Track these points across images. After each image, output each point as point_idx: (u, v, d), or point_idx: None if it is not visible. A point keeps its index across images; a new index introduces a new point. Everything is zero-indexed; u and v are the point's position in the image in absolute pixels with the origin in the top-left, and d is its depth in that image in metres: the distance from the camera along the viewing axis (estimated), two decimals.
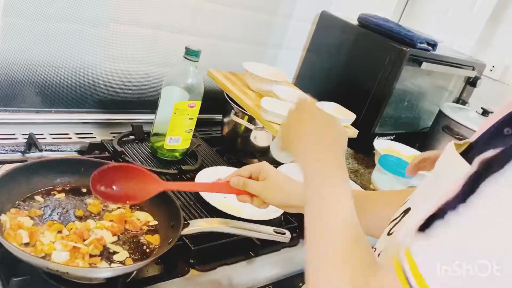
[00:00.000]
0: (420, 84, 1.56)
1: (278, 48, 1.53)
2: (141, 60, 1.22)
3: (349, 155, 1.45)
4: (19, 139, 1.01)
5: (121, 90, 1.22)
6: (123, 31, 1.15)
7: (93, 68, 1.14)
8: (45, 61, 1.07)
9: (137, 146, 1.11)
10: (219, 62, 1.36)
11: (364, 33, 1.46)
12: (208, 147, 1.23)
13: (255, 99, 1.16)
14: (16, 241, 0.67)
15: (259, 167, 0.79)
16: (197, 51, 1.01)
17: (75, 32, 1.07)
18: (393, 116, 1.53)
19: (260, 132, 1.16)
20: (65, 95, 1.13)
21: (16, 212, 0.73)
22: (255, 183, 0.78)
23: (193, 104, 1.04)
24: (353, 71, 1.49)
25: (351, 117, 1.19)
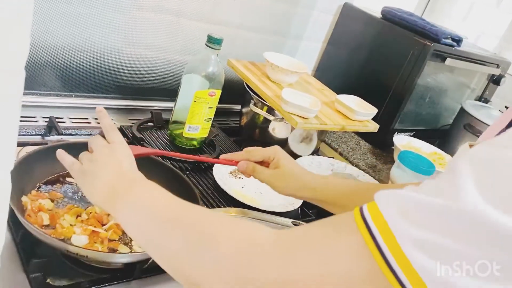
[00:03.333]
0: (442, 80, 1.53)
1: (298, 39, 1.52)
2: (162, 47, 1.22)
3: (367, 150, 1.43)
4: (40, 122, 1.01)
5: (142, 77, 1.21)
6: (145, 17, 1.14)
7: (114, 54, 1.14)
8: (67, 45, 1.07)
9: (155, 133, 1.11)
10: (239, 52, 1.34)
11: (388, 26, 1.43)
12: (226, 137, 1.23)
13: (275, 90, 1.15)
14: (37, 223, 0.67)
15: (271, 154, 0.76)
16: (219, 39, 1.00)
17: (98, 17, 1.07)
18: (414, 112, 1.50)
19: (279, 124, 1.15)
20: (85, 80, 1.13)
21: (37, 194, 0.73)
22: (265, 171, 0.75)
23: (213, 92, 1.03)
24: (375, 65, 1.46)
25: (373, 111, 1.17)
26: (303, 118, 1.04)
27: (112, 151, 0.59)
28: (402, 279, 0.34)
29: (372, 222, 0.37)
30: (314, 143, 1.23)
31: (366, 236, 0.37)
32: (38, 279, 0.62)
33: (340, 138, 1.45)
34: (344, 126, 1.10)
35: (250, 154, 0.77)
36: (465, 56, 1.45)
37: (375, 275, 0.35)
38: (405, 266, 0.34)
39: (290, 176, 0.74)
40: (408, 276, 0.34)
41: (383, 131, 1.39)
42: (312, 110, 1.04)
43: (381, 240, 0.36)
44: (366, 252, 0.36)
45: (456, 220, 0.34)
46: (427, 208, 0.35)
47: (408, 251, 0.34)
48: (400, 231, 0.35)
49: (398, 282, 0.34)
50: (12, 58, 0.38)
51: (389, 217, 0.36)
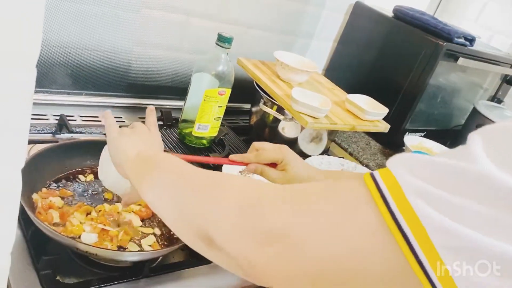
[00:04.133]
0: (454, 80, 1.52)
1: (309, 38, 1.51)
2: (171, 46, 1.22)
3: (377, 150, 1.42)
4: (50, 120, 1.02)
5: (151, 76, 1.21)
6: (155, 16, 1.14)
7: (124, 52, 1.14)
8: (77, 44, 1.07)
9: (165, 132, 1.11)
10: (249, 51, 1.34)
11: (399, 25, 1.42)
12: (235, 136, 1.22)
13: (285, 89, 1.14)
14: (47, 221, 0.68)
15: (280, 156, 0.76)
16: (229, 38, 1.00)
17: (108, 16, 1.07)
18: (425, 112, 1.49)
19: (288, 123, 1.15)
20: (96, 78, 1.13)
21: (47, 192, 0.73)
22: (274, 172, 0.76)
23: (223, 91, 1.03)
24: (386, 64, 1.45)
25: (384, 111, 1.16)
26: (313, 118, 1.04)
27: (148, 132, 0.68)
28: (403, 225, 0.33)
29: (379, 175, 0.37)
30: (324, 143, 1.22)
31: (372, 186, 0.36)
32: (48, 276, 0.63)
33: (350, 138, 1.44)
34: (355, 126, 1.09)
35: (260, 157, 0.78)
36: (478, 55, 1.43)
37: (377, 223, 0.35)
38: (408, 213, 0.33)
39: (297, 179, 0.75)
40: (409, 222, 0.33)
41: (394, 131, 1.38)
42: (322, 110, 1.03)
43: (386, 190, 0.35)
44: (369, 200, 0.36)
45: (462, 176, 0.33)
46: (434, 165, 0.35)
47: (411, 198, 0.34)
48: (406, 181, 0.35)
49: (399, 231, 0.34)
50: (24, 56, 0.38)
51: (395, 169, 0.36)
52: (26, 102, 0.39)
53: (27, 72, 0.39)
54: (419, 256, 0.32)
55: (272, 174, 0.76)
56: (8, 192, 0.41)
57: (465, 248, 0.31)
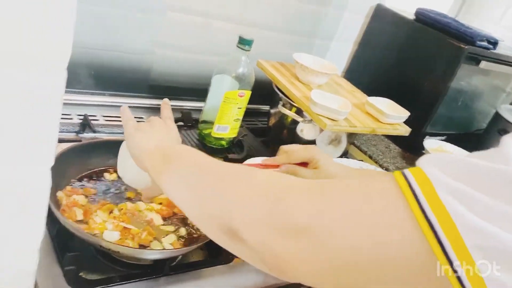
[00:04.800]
0: (476, 83, 1.49)
1: (329, 40, 1.51)
2: (191, 48, 1.23)
3: (397, 154, 1.41)
4: (74, 120, 1.04)
5: (172, 77, 1.23)
6: (176, 18, 1.16)
7: (146, 54, 1.16)
8: (100, 45, 1.09)
9: (185, 133, 1.12)
10: (268, 53, 1.34)
11: (421, 28, 1.41)
12: (254, 137, 1.23)
13: (304, 91, 1.14)
14: (71, 218, 0.69)
15: (310, 155, 0.78)
16: (250, 40, 1.00)
17: (129, 18, 1.09)
18: (446, 115, 1.47)
19: (307, 125, 1.15)
20: (118, 79, 1.15)
21: (71, 190, 0.75)
22: (306, 172, 0.77)
23: (242, 93, 1.04)
24: (406, 67, 1.44)
25: (405, 114, 1.15)
26: (332, 120, 1.04)
27: (166, 125, 0.69)
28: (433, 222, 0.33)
29: (410, 173, 0.36)
30: (343, 146, 1.22)
31: (402, 182, 0.36)
32: (71, 272, 0.64)
33: (370, 140, 1.43)
34: (375, 129, 1.09)
35: (290, 158, 0.79)
36: (501, 59, 1.41)
37: (407, 219, 0.34)
38: (439, 209, 0.33)
39: (330, 177, 0.76)
40: (440, 220, 0.33)
41: (414, 134, 1.36)
42: (341, 112, 1.03)
43: (416, 186, 0.35)
44: (399, 195, 0.35)
45: (495, 177, 0.33)
46: (467, 165, 0.35)
47: (443, 196, 0.33)
48: (437, 179, 0.34)
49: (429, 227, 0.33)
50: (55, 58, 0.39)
51: (427, 168, 0.35)
52: (57, 103, 0.41)
53: (58, 73, 0.40)
54: (449, 254, 0.32)
55: (305, 173, 0.77)
56: (38, 190, 0.43)
57: (496, 249, 0.31)
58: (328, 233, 0.37)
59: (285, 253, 0.39)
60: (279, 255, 0.39)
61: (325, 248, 0.37)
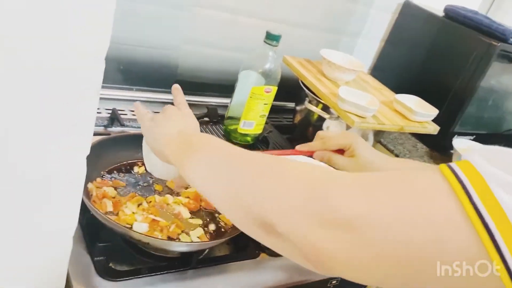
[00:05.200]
0: (508, 82, 1.45)
1: (355, 37, 1.49)
2: (219, 44, 1.23)
3: (424, 153, 1.39)
4: (103, 114, 1.06)
5: (199, 73, 1.24)
6: (204, 14, 1.16)
7: (173, 49, 1.17)
8: (129, 40, 1.11)
9: (211, 128, 1.13)
10: (295, 49, 1.34)
11: (450, 25, 1.38)
12: (279, 134, 1.23)
13: (331, 88, 1.13)
14: (102, 209, 0.70)
15: (347, 142, 0.75)
16: (277, 36, 1.00)
17: (158, 13, 1.10)
18: (475, 115, 1.44)
19: (334, 122, 1.14)
20: (145, 74, 1.16)
21: (101, 181, 0.76)
22: (341, 160, 0.74)
23: (269, 89, 1.04)
24: (435, 65, 1.41)
25: (433, 112, 1.13)
26: (360, 117, 1.02)
27: (182, 114, 0.66)
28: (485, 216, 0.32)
29: (457, 166, 0.34)
30: (370, 144, 1.20)
31: (450, 175, 0.34)
32: (101, 262, 0.65)
33: (396, 139, 1.41)
34: (403, 126, 1.07)
35: (326, 144, 0.76)
36: None
37: (457, 213, 0.33)
38: (492, 205, 0.31)
39: (367, 165, 0.73)
40: (492, 214, 0.31)
41: (442, 133, 1.34)
42: (370, 109, 1.02)
43: (466, 179, 0.33)
44: (448, 189, 0.34)
45: None
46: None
47: (496, 190, 0.31)
48: (489, 173, 0.32)
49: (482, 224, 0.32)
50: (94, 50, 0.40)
51: (477, 162, 0.34)
52: (95, 94, 0.41)
53: (97, 65, 0.41)
54: (504, 253, 0.31)
55: (340, 161, 0.74)
56: (75, 177, 0.43)
57: None
58: (376, 228, 0.36)
59: (328, 245, 0.37)
60: (320, 248, 0.37)
61: (373, 242, 0.36)
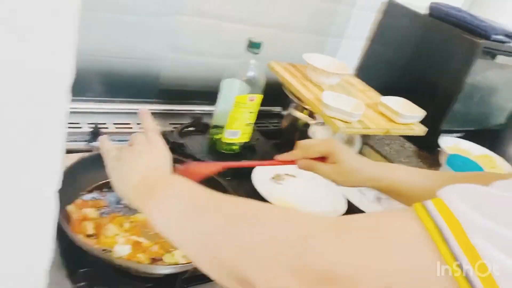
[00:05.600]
0: (493, 78, 1.45)
1: (339, 38, 1.48)
2: (203, 51, 1.22)
3: (412, 153, 1.38)
4: (84, 128, 1.03)
5: (184, 81, 1.22)
6: (187, 22, 1.14)
7: (156, 59, 1.15)
8: (110, 52, 1.09)
9: (196, 138, 1.11)
10: (280, 53, 1.33)
11: (435, 23, 1.37)
12: (266, 140, 1.21)
13: (316, 93, 1.12)
14: (82, 232, 0.68)
15: (328, 149, 0.73)
16: (258, 43, 0.98)
17: (139, 23, 1.08)
18: (462, 112, 1.43)
19: (320, 127, 1.13)
20: (128, 85, 1.14)
21: (82, 203, 0.75)
22: (325, 167, 0.73)
23: (253, 97, 1.02)
24: (421, 64, 1.41)
25: (420, 114, 1.12)
26: (345, 122, 1.01)
27: (150, 147, 0.60)
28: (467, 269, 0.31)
29: (436, 210, 0.34)
30: (357, 147, 1.19)
31: (429, 223, 0.34)
32: None
33: (384, 140, 1.40)
34: (389, 130, 1.06)
35: (307, 152, 0.75)
36: None
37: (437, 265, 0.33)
38: (472, 256, 0.31)
39: (350, 171, 0.72)
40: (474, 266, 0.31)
41: (430, 132, 1.33)
42: (354, 114, 1.01)
43: (447, 229, 0.32)
44: (428, 240, 0.33)
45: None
46: (499, 201, 0.33)
47: (475, 241, 0.31)
48: (468, 221, 0.32)
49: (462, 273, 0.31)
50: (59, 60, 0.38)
51: (454, 207, 0.33)
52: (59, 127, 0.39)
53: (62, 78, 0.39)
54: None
55: (323, 168, 0.73)
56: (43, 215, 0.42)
57: None
58: (355, 281, 0.35)
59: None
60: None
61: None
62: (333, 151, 0.73)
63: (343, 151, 0.73)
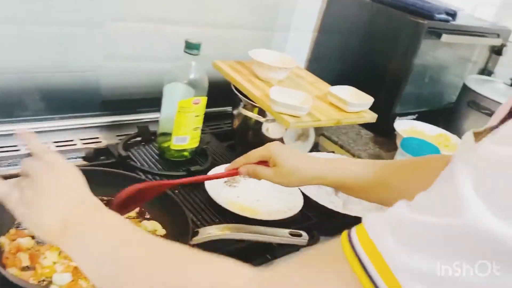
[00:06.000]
0: (441, 57, 1.47)
1: (286, 32, 1.46)
2: (143, 56, 1.17)
3: (369, 139, 1.38)
4: (22, 151, 0.97)
5: (126, 90, 1.17)
6: (122, 28, 1.10)
7: (93, 69, 1.10)
8: (44, 67, 1.03)
9: (144, 149, 1.06)
10: (226, 52, 1.29)
11: (378, 8, 1.37)
12: (219, 143, 1.18)
13: (264, 89, 1.09)
14: (16, 265, 0.63)
15: (268, 152, 0.73)
16: (197, 44, 0.95)
17: (71, 35, 1.02)
18: (414, 94, 1.44)
19: (271, 124, 1.10)
20: (67, 100, 1.08)
21: (16, 232, 0.69)
22: (266, 170, 0.73)
23: (198, 100, 0.98)
24: (369, 50, 1.40)
25: (368, 100, 1.11)
26: (295, 117, 0.99)
27: (56, 174, 0.50)
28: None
29: (364, 253, 0.34)
30: (312, 140, 1.17)
31: (358, 270, 0.34)
32: None
33: (340, 129, 1.39)
34: (340, 120, 1.05)
35: (248, 158, 0.75)
36: (462, 29, 1.38)
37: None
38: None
39: (290, 172, 0.72)
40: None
41: (384, 117, 1.33)
42: (303, 108, 0.99)
43: (376, 275, 0.33)
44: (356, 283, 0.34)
45: (455, 240, 0.30)
46: (424, 231, 0.32)
47: (404, 282, 0.32)
48: (395, 262, 0.32)
49: None
50: None
51: (381, 246, 0.33)
52: None
53: None
54: None
55: (265, 172, 0.73)
56: None
57: None
58: None
59: None
60: None
61: None
62: (271, 153, 0.73)
63: (282, 153, 0.73)
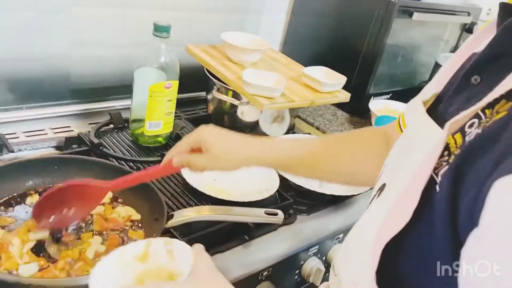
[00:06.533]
0: (413, 36, 1.48)
1: (259, 14, 1.44)
2: (112, 42, 1.14)
3: (344, 120, 1.38)
4: None
5: (95, 77, 1.14)
6: (89, 13, 1.07)
7: (61, 57, 1.07)
8: (9, 56, 1.00)
9: (117, 136, 1.05)
10: (198, 35, 1.28)
11: None
12: (193, 128, 1.16)
13: (237, 72, 1.09)
14: None
15: (197, 138, 0.67)
16: (166, 26, 0.93)
17: (37, 21, 0.99)
18: (388, 73, 1.45)
19: (246, 107, 1.09)
20: (35, 89, 1.06)
21: None
22: (199, 158, 0.67)
23: (169, 84, 0.97)
24: (342, 31, 1.40)
25: (341, 80, 1.11)
26: (269, 98, 0.99)
27: None
28: None
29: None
30: (287, 121, 1.17)
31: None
32: None
33: (316, 111, 1.40)
34: (313, 100, 1.05)
35: (179, 148, 0.69)
36: (433, 8, 1.39)
37: None
38: None
39: (221, 155, 0.67)
40: None
41: (358, 97, 1.35)
42: (276, 89, 0.98)
43: None
44: None
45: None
46: None
47: None
48: None
49: None
50: None
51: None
52: None
53: None
54: None
55: (198, 160, 0.67)
56: None
57: None
58: None
59: None
60: None
61: None
62: (201, 138, 0.67)
63: (212, 136, 0.67)
